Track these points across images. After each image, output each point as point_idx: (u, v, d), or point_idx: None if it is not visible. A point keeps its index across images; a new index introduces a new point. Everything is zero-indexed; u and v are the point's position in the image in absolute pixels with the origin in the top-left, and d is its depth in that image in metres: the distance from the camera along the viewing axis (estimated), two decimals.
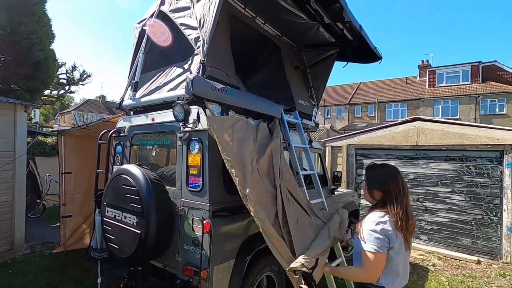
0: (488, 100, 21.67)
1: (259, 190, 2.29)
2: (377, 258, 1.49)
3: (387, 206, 1.57)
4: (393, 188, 1.61)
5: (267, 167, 2.43)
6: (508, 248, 4.95)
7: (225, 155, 2.12)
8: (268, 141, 2.61)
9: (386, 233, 1.50)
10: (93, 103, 42.84)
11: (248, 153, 2.30)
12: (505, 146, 5.00)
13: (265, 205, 2.25)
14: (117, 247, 2.54)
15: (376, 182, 1.71)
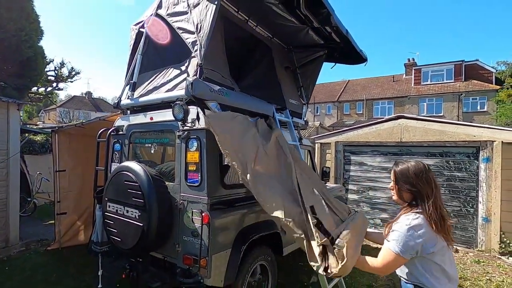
0: (470, 98, 22.51)
1: (270, 172, 2.42)
2: (396, 259, 1.47)
3: (419, 207, 1.51)
4: (423, 188, 1.52)
5: (275, 151, 2.61)
6: (483, 237, 5.33)
7: (224, 149, 2.29)
8: (270, 131, 2.80)
9: (417, 238, 1.44)
10: (79, 100, 41.91)
11: (250, 142, 2.46)
12: (481, 142, 5.35)
13: (276, 185, 2.35)
14: (120, 239, 2.68)
15: (405, 181, 1.59)
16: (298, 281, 3.95)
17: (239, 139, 2.43)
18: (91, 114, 39.58)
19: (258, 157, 2.47)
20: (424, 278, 1.49)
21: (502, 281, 4.11)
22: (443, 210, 1.50)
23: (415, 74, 25.29)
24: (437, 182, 1.57)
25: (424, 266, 1.48)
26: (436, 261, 1.46)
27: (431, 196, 1.50)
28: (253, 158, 2.42)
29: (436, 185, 1.55)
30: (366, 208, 6.85)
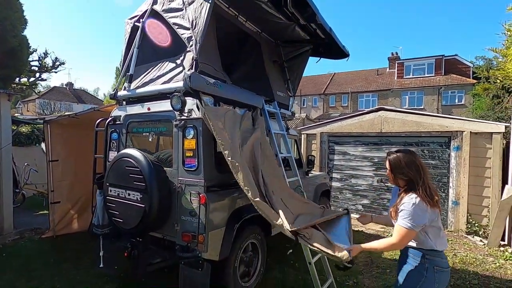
0: (449, 92, 23.49)
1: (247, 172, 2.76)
2: (408, 233, 1.78)
3: (413, 190, 1.83)
4: (414, 175, 1.85)
5: (249, 154, 2.88)
6: (452, 219, 5.86)
7: (219, 139, 2.55)
8: (251, 131, 3.06)
9: (421, 213, 1.77)
10: (59, 90, 40.48)
11: (236, 139, 2.74)
12: (452, 132, 5.83)
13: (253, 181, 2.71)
14: (122, 220, 2.91)
15: (398, 172, 1.92)
16: (284, 260, 4.29)
17: (230, 132, 2.69)
18: (73, 105, 38.49)
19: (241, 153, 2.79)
20: (426, 241, 1.86)
21: (466, 256, 4.61)
22: (432, 189, 1.85)
23: (398, 68, 26.05)
24: (424, 166, 1.91)
25: (427, 232, 1.84)
26: (435, 225, 1.84)
27: (420, 180, 1.84)
28: (239, 152, 2.73)
29: (424, 169, 1.89)
30: (349, 195, 7.29)
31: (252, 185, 2.62)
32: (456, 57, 24.12)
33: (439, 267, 1.85)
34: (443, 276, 1.87)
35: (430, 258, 1.85)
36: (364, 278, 3.84)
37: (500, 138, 5.39)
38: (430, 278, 1.84)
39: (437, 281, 1.85)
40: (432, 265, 1.85)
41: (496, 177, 5.39)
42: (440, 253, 1.88)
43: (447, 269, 1.90)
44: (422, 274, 1.86)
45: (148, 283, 3.54)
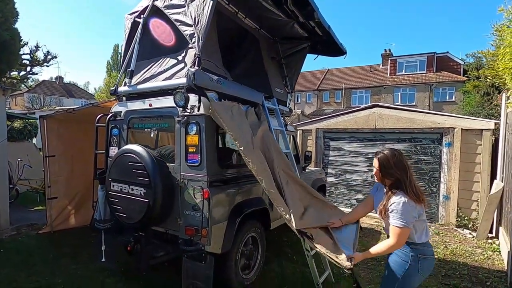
0: (440, 88, 23.91)
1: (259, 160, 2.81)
2: (403, 231, 1.88)
3: (401, 189, 1.94)
4: (401, 175, 1.94)
5: (260, 144, 2.94)
6: (443, 212, 6.05)
7: (230, 130, 2.60)
8: (258, 123, 3.12)
9: (411, 210, 1.88)
10: (48, 84, 39.65)
11: (247, 130, 2.80)
12: (444, 129, 5.99)
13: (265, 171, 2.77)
14: (125, 215, 2.94)
15: (387, 172, 2.01)
16: (282, 254, 4.40)
17: (240, 124, 2.75)
18: (63, 100, 37.80)
19: (254, 143, 2.84)
20: (413, 235, 1.96)
21: (456, 248, 4.79)
22: (417, 187, 1.97)
23: (390, 65, 26.34)
24: (409, 164, 2.02)
25: (414, 226, 1.94)
26: (421, 219, 1.97)
27: (407, 180, 1.94)
28: (252, 142, 2.79)
29: (409, 168, 2.00)
30: (343, 190, 7.44)
31: (267, 174, 2.68)
32: (448, 55, 24.51)
33: (423, 255, 1.98)
34: (426, 263, 2.00)
35: (415, 247, 1.98)
36: (360, 269, 3.97)
37: (489, 134, 5.57)
38: (414, 265, 1.96)
39: (420, 268, 1.98)
40: (416, 253, 1.97)
41: (485, 172, 5.58)
42: (425, 243, 2.01)
43: (431, 257, 2.03)
44: (406, 263, 1.98)
45: (149, 276, 3.60)
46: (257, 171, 2.58)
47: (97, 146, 3.66)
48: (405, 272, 1.98)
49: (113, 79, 36.11)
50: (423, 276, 2.04)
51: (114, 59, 45.44)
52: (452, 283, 3.62)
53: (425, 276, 2.07)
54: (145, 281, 3.50)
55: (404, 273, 1.99)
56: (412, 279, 2.00)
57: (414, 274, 1.99)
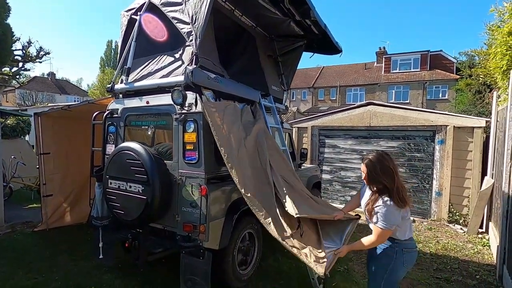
0: (434, 86, 24.17)
1: (245, 165, 2.84)
2: (384, 233, 2.01)
3: (387, 194, 2.00)
4: (388, 182, 2.00)
5: (253, 144, 2.98)
6: (435, 208, 6.18)
7: (216, 136, 2.63)
8: (253, 122, 3.15)
9: (395, 214, 1.98)
10: (40, 81, 39.01)
11: (236, 133, 2.83)
12: (437, 126, 6.10)
13: (250, 176, 2.80)
14: (123, 212, 2.96)
15: (374, 179, 2.07)
16: (279, 249, 4.45)
17: (229, 127, 2.76)
18: (56, 96, 37.27)
19: (240, 148, 2.87)
20: (398, 233, 2.07)
21: (447, 243, 4.91)
22: (404, 191, 2.03)
23: (385, 63, 26.52)
24: (396, 169, 2.07)
25: (398, 226, 2.04)
26: (406, 219, 2.06)
27: (394, 185, 2.00)
28: (237, 148, 2.82)
29: (396, 173, 2.05)
30: (338, 186, 7.53)
31: (246, 180, 2.72)
32: (441, 53, 24.76)
33: (407, 248, 2.11)
34: (410, 256, 2.13)
35: (399, 242, 2.10)
36: (354, 264, 4.05)
37: (481, 132, 5.69)
38: (399, 259, 2.09)
39: (405, 261, 2.10)
40: (400, 247, 2.10)
41: (476, 169, 5.71)
42: (408, 239, 2.12)
43: (414, 249, 2.16)
44: (392, 257, 2.10)
45: (147, 273, 3.63)
46: (237, 176, 2.61)
47: (94, 144, 3.65)
48: (391, 266, 2.10)
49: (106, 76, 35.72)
50: (407, 268, 2.16)
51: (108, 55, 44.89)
52: (443, 276, 3.73)
53: (409, 268, 2.19)
54: (142, 277, 3.53)
55: (390, 266, 2.10)
56: (397, 271, 2.13)
57: (399, 267, 2.11)
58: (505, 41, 4.09)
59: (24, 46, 9.93)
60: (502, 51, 4.21)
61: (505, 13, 4.34)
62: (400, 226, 2.04)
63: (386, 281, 2.13)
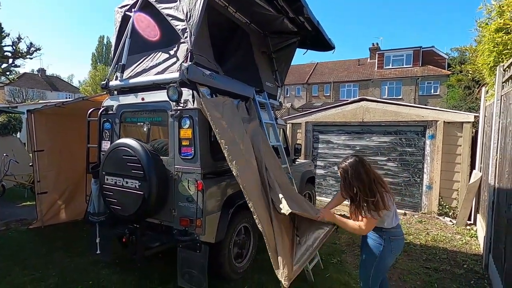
0: (426, 82, 24.51)
1: (242, 162, 2.88)
2: (370, 221, 2.14)
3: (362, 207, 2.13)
4: (361, 190, 2.11)
5: (249, 141, 3.02)
6: (426, 202, 6.34)
7: (216, 129, 2.66)
8: (248, 119, 3.19)
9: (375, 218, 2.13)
10: (30, 77, 38.24)
11: (237, 127, 2.87)
12: (427, 122, 6.23)
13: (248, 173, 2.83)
14: (120, 208, 3.00)
15: (345, 186, 2.23)
16: None
17: (229, 121, 2.81)
18: (47, 93, 36.65)
19: (241, 142, 2.89)
20: (386, 222, 2.20)
21: (437, 234, 5.07)
22: (382, 198, 2.10)
23: (378, 59, 26.75)
24: (375, 175, 2.18)
25: (383, 218, 2.17)
26: (390, 212, 2.19)
27: (369, 194, 2.10)
28: (239, 142, 2.85)
29: (375, 179, 2.16)
30: (332, 181, 7.65)
31: (245, 175, 2.74)
32: (433, 49, 25.07)
33: (394, 236, 2.24)
34: (397, 243, 2.26)
35: (386, 231, 2.23)
36: (347, 256, 4.16)
37: (470, 127, 5.84)
38: (387, 246, 2.22)
39: (393, 248, 2.23)
40: (388, 235, 2.23)
41: (465, 163, 5.87)
42: (394, 226, 2.25)
43: (401, 237, 2.30)
44: (380, 245, 2.23)
45: (144, 267, 3.68)
46: (238, 170, 2.63)
47: (89, 140, 3.66)
48: (380, 254, 2.23)
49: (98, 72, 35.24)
50: (395, 255, 2.30)
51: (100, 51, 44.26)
52: (432, 266, 3.86)
53: (396, 255, 2.33)
54: (140, 272, 3.58)
55: (380, 254, 2.23)
56: (386, 259, 2.26)
57: (388, 254, 2.24)
58: (492, 38, 4.21)
59: (14, 42, 9.75)
60: (490, 48, 4.32)
61: (493, 11, 4.44)
62: (383, 218, 2.17)
63: (376, 268, 2.26)
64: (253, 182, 2.80)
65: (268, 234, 2.58)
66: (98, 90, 32.21)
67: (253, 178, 2.85)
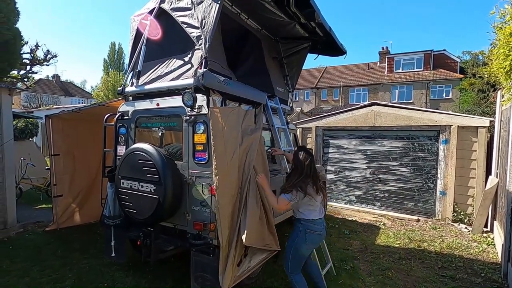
0: (437, 86, 24.09)
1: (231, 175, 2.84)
2: (282, 200, 2.67)
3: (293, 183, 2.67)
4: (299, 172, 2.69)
5: (241, 155, 2.97)
6: (440, 208, 6.21)
7: (213, 141, 2.67)
8: (252, 131, 3.18)
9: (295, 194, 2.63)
10: (45, 83, 39.45)
11: (233, 141, 2.86)
12: (441, 126, 6.14)
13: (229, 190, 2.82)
14: (135, 211, 3.06)
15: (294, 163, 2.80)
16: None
17: (226, 137, 2.80)
18: (61, 98, 37.67)
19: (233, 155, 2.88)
20: (299, 214, 2.75)
21: (452, 241, 4.95)
22: (316, 186, 2.69)
23: (388, 62, 26.48)
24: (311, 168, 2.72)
25: (298, 208, 2.74)
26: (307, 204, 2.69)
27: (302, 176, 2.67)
28: (230, 157, 2.84)
29: (310, 170, 2.70)
30: (343, 186, 7.59)
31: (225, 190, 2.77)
32: (444, 52, 24.68)
33: (310, 230, 2.70)
34: (312, 237, 2.72)
35: (304, 223, 2.72)
36: (360, 263, 4.11)
37: (485, 131, 5.72)
38: (301, 236, 2.71)
39: (307, 240, 2.70)
40: (304, 228, 2.71)
41: (480, 168, 5.74)
42: (312, 220, 2.71)
43: (317, 232, 2.73)
44: (297, 234, 2.73)
45: (157, 270, 3.72)
46: (219, 185, 2.67)
47: (105, 145, 3.75)
48: (296, 241, 2.72)
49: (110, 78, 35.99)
50: (308, 247, 2.75)
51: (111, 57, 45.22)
52: (448, 274, 3.78)
53: (310, 247, 2.79)
54: (153, 275, 3.62)
55: (295, 242, 2.73)
56: (301, 248, 2.72)
57: (302, 244, 2.72)
58: (507, 42, 4.13)
59: (32, 49, 10.09)
60: (505, 51, 4.24)
61: (506, 15, 4.37)
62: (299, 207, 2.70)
63: (293, 255, 2.75)
64: (228, 198, 2.80)
65: (225, 246, 2.74)
66: (110, 95, 32.87)
67: (229, 196, 2.82)
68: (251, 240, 2.79)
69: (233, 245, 2.76)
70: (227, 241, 2.74)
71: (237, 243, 2.78)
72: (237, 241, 2.78)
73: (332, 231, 5.46)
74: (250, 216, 2.82)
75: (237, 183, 2.90)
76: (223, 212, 2.72)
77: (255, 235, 2.87)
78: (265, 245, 3.06)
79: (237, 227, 2.81)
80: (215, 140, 2.70)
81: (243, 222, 2.80)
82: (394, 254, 4.40)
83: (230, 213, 2.81)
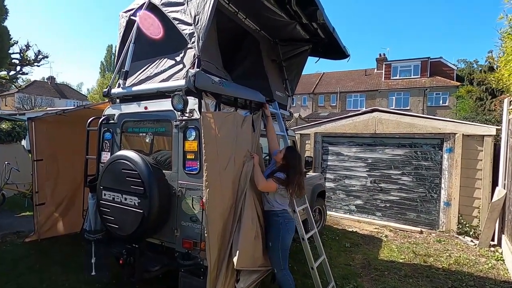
0: (434, 93, 24.12)
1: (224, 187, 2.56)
2: (272, 185, 2.74)
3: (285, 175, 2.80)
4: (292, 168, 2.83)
5: (239, 165, 2.70)
6: (444, 219, 5.95)
7: (204, 149, 2.38)
8: (250, 140, 2.90)
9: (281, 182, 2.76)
10: (40, 85, 38.96)
11: (227, 149, 2.57)
12: (445, 134, 5.91)
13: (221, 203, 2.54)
14: (117, 226, 2.74)
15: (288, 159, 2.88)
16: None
17: (219, 145, 2.51)
18: (55, 100, 37.14)
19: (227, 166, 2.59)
20: (278, 205, 2.82)
21: (459, 256, 4.68)
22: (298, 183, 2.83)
23: (385, 69, 26.51)
24: (299, 167, 2.92)
25: (275, 198, 2.82)
26: (285, 197, 2.85)
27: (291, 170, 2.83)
28: (223, 167, 2.55)
29: (297, 168, 2.87)
30: (342, 195, 7.31)
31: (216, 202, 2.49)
32: (441, 60, 24.79)
33: (287, 219, 2.85)
34: (291, 224, 2.87)
35: (281, 215, 2.81)
36: (364, 281, 3.81)
37: (491, 140, 5.50)
38: (283, 227, 2.79)
39: (289, 228, 2.82)
40: (283, 218, 2.82)
41: (487, 178, 5.50)
42: (286, 210, 2.88)
43: (292, 220, 2.91)
44: (278, 227, 2.78)
45: None
46: (208, 198, 2.38)
47: (88, 151, 3.44)
48: (280, 234, 2.77)
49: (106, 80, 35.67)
50: (290, 234, 2.84)
51: (108, 59, 44.94)
52: None
53: (291, 235, 2.85)
54: None
55: (280, 234, 2.77)
56: (285, 237, 2.80)
57: (286, 234, 2.79)
58: None
59: (22, 49, 9.76)
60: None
61: None
62: (276, 197, 2.81)
63: (282, 247, 2.77)
64: (219, 213, 2.50)
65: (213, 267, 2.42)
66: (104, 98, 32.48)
67: (220, 211, 2.53)
68: (244, 263, 2.49)
69: (223, 268, 2.43)
70: (216, 261, 2.42)
71: (228, 265, 2.46)
72: (228, 263, 2.46)
73: (332, 243, 5.17)
74: (243, 234, 2.52)
75: (230, 196, 2.60)
76: (213, 228, 2.41)
77: (249, 256, 2.57)
78: (259, 266, 2.75)
79: (229, 247, 2.50)
80: (206, 148, 2.41)
81: (236, 241, 2.49)
82: (399, 271, 4.11)
83: (221, 230, 2.49)
